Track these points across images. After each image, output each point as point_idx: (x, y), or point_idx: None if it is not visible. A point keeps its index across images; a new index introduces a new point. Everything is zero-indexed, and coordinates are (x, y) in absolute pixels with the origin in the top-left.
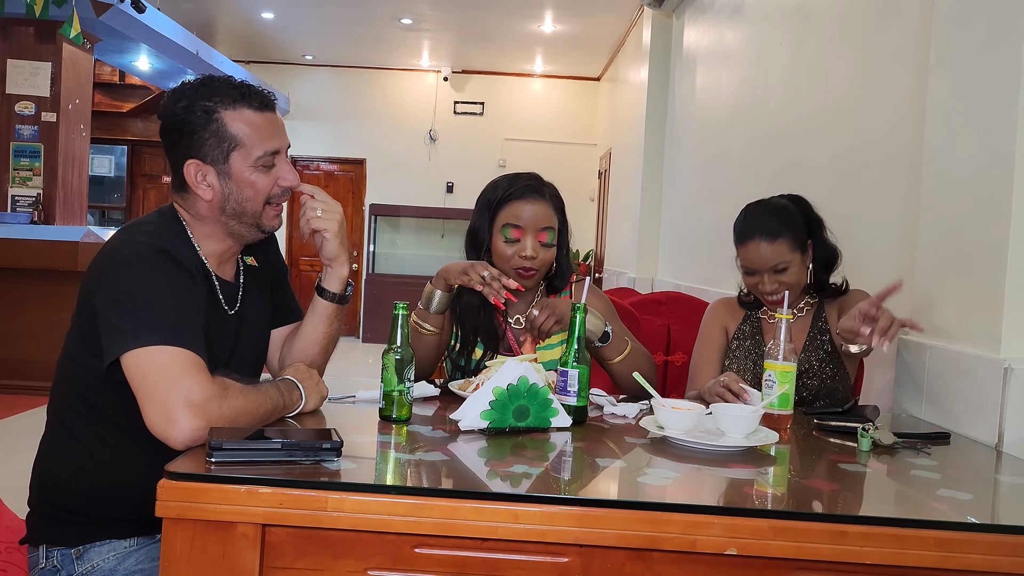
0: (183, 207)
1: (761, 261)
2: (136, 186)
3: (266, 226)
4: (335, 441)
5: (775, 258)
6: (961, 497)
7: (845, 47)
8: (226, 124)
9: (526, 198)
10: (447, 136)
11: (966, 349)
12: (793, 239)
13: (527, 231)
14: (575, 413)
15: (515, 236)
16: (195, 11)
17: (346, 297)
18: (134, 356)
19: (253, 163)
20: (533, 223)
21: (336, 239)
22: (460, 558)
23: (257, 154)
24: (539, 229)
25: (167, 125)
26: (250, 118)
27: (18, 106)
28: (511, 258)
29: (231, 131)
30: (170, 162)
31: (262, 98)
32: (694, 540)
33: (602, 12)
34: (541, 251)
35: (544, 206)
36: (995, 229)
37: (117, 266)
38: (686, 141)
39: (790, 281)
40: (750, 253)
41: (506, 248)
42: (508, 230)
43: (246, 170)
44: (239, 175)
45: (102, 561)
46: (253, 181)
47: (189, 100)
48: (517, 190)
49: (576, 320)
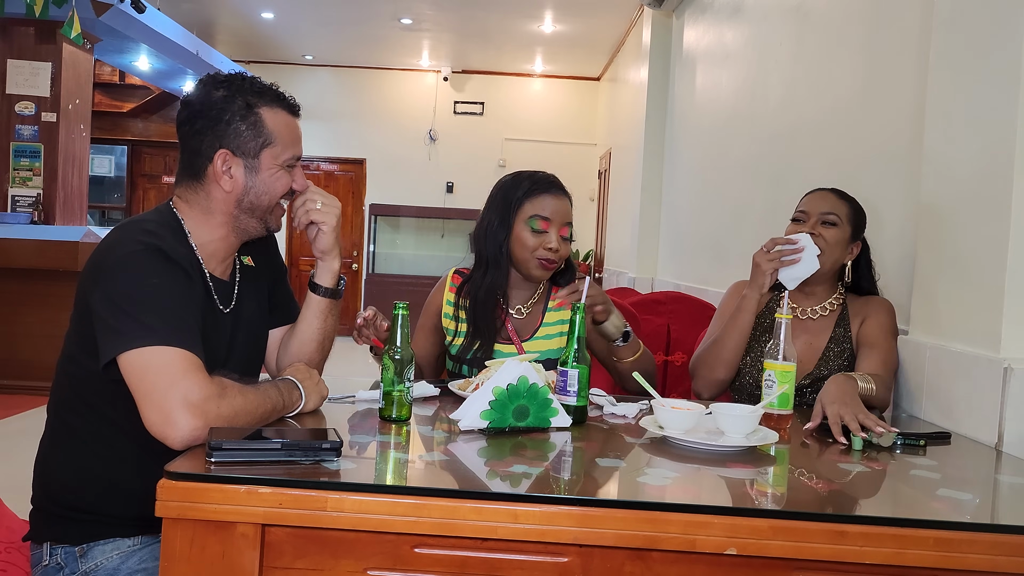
0: (187, 200)
1: (819, 205)
2: (136, 186)
3: (272, 224)
4: (335, 441)
5: (832, 209)
6: (961, 497)
7: (845, 47)
8: (264, 120)
9: (552, 192)
10: (447, 136)
11: (966, 349)
12: (853, 215)
13: (554, 223)
14: (575, 413)
15: (543, 227)
16: (195, 11)
17: (339, 291)
18: (131, 357)
19: (281, 163)
20: (559, 217)
21: (332, 233)
22: (460, 558)
23: (286, 156)
24: (563, 224)
25: (199, 111)
26: (286, 120)
27: (18, 106)
28: (536, 248)
29: (268, 128)
30: (190, 149)
31: (295, 105)
32: (694, 540)
33: (602, 12)
34: (563, 245)
35: (567, 202)
36: (995, 229)
37: (112, 266)
38: (686, 141)
39: (831, 241)
40: (814, 197)
41: (532, 239)
42: (536, 221)
43: (273, 168)
44: (266, 171)
45: (106, 559)
46: (276, 179)
47: (229, 90)
48: (543, 184)
49: (576, 320)
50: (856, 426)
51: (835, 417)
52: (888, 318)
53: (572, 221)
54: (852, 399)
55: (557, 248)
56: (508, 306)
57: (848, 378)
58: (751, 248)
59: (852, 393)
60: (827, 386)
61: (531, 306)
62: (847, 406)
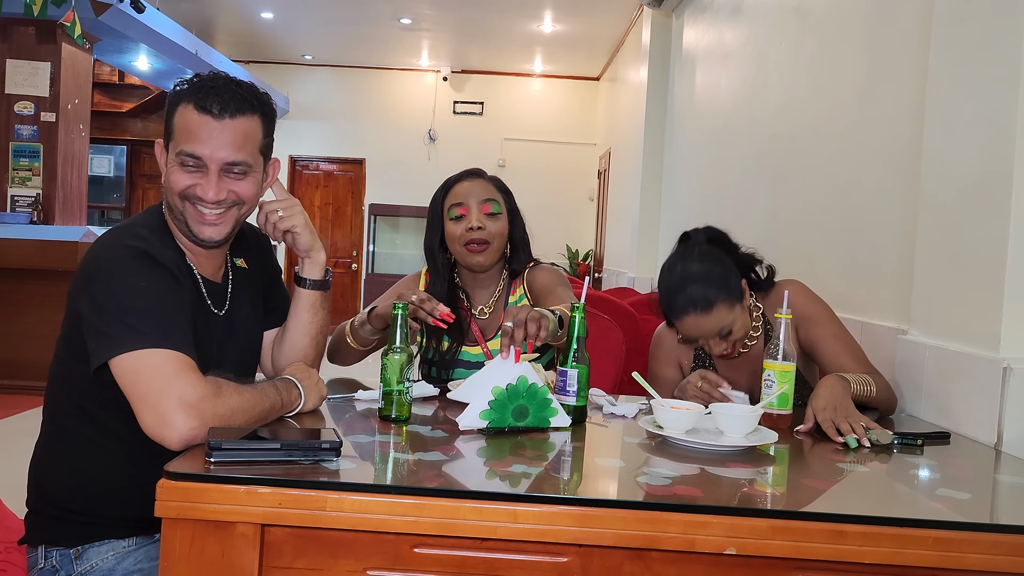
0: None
1: (702, 332)
2: (135, 186)
3: (192, 228)
4: (334, 441)
5: (716, 325)
6: (960, 497)
7: (844, 47)
8: (175, 114)
9: (464, 179)
10: (446, 136)
11: (965, 348)
12: (728, 298)
13: (470, 206)
14: (574, 413)
15: (460, 213)
16: (194, 11)
17: (327, 283)
18: (123, 361)
19: (175, 156)
20: (474, 196)
21: (306, 231)
22: (459, 558)
23: (178, 149)
24: (481, 202)
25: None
26: (193, 115)
27: (17, 106)
28: (461, 236)
29: (174, 121)
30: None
31: (207, 104)
32: (693, 540)
33: (601, 12)
34: (487, 221)
35: (484, 183)
36: (994, 228)
37: (99, 271)
38: (686, 141)
39: (737, 336)
40: (688, 328)
41: (455, 227)
42: (453, 210)
43: (171, 162)
44: (167, 166)
45: (101, 561)
46: (171, 172)
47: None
48: (455, 176)
49: (575, 320)
50: (848, 428)
51: (828, 423)
52: (811, 308)
53: (497, 199)
54: (843, 401)
55: (480, 225)
56: (471, 307)
57: (839, 379)
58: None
59: (843, 395)
60: (817, 390)
61: (492, 304)
62: (837, 411)
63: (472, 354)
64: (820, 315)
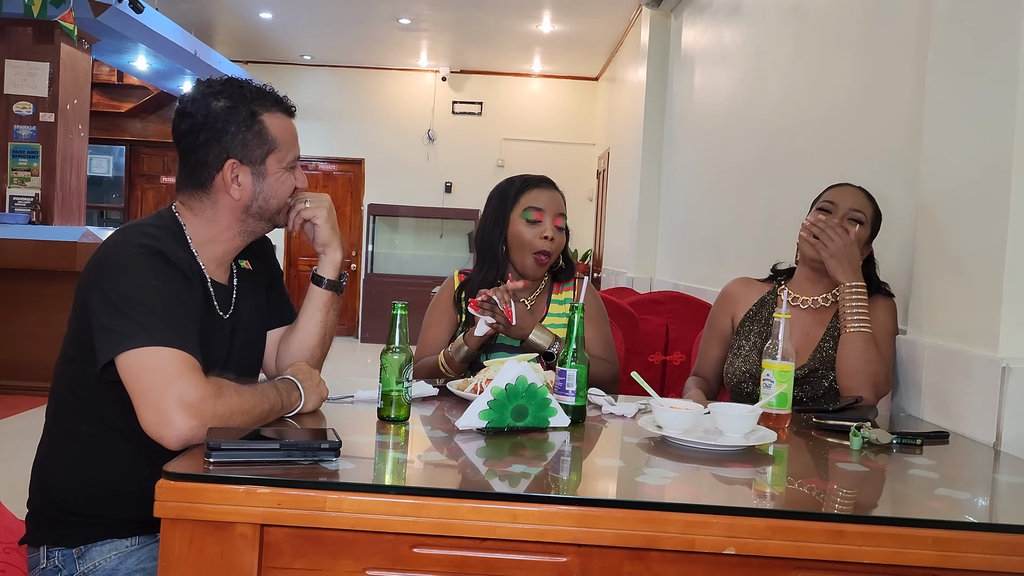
0: (191, 208)
1: (848, 200)
2: (134, 186)
3: (280, 222)
4: (333, 441)
5: (861, 207)
6: (959, 496)
7: (843, 47)
8: (267, 127)
9: (543, 187)
10: (445, 136)
11: (964, 348)
12: (875, 218)
13: (547, 213)
14: (574, 413)
15: (536, 217)
16: (193, 11)
17: (341, 284)
18: (128, 357)
19: (285, 165)
20: (552, 207)
21: (327, 224)
22: (459, 558)
23: (289, 158)
24: (556, 214)
25: (201, 123)
26: (286, 123)
27: (16, 106)
28: (532, 241)
29: (272, 134)
30: (194, 160)
31: (291, 107)
32: (693, 540)
33: (600, 12)
34: (558, 235)
35: (559, 196)
36: (993, 228)
37: (111, 268)
38: (684, 141)
39: (858, 236)
40: (844, 191)
41: (527, 231)
42: (530, 212)
43: (279, 172)
44: (272, 176)
45: (103, 560)
46: (282, 182)
47: (231, 100)
48: (535, 180)
49: (575, 320)
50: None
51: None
52: (886, 317)
53: (566, 214)
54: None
55: (552, 236)
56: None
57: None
58: (749, 248)
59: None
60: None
61: (534, 299)
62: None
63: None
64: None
